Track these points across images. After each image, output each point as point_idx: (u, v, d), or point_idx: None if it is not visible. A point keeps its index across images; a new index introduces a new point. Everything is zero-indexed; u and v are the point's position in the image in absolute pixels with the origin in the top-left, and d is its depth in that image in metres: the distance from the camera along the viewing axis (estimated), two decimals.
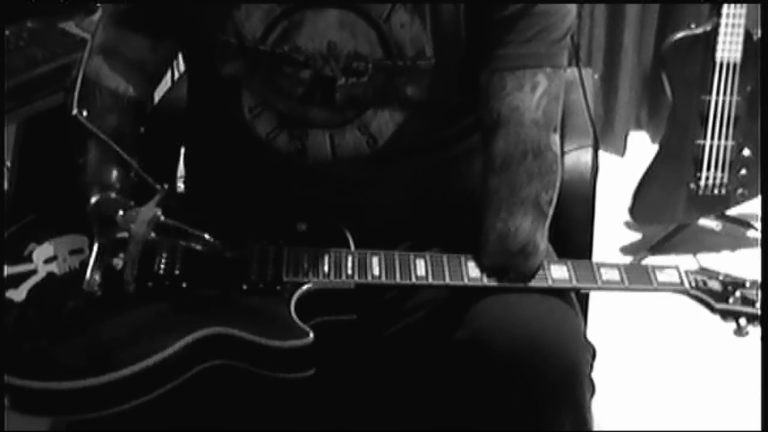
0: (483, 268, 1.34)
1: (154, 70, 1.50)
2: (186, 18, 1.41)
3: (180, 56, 1.57)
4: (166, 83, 1.87)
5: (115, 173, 1.38)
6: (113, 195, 1.35)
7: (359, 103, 1.39)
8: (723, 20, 2.58)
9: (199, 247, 1.30)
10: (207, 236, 1.30)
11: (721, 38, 2.59)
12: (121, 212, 1.30)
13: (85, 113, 1.40)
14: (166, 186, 1.34)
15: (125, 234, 1.28)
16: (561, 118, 1.38)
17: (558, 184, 1.37)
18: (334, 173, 1.43)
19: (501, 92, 1.33)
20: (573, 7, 1.36)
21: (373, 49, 1.35)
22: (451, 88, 1.40)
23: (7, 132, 2.01)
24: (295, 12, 1.35)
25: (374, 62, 1.36)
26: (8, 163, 2.08)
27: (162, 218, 1.29)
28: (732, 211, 2.84)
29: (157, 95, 1.81)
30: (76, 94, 1.40)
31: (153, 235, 1.28)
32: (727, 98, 2.64)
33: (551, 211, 1.37)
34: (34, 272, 1.34)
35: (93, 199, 1.35)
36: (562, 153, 1.46)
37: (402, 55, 1.35)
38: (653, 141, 3.37)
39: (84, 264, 1.32)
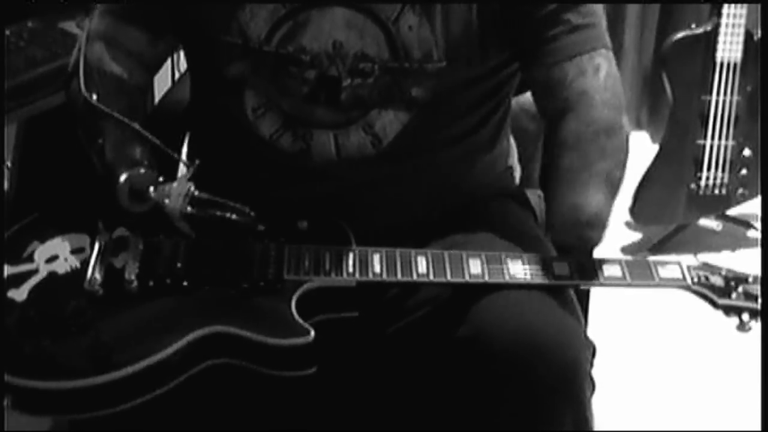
0: (553, 244, 1.36)
1: (152, 61, 1.50)
2: (190, 19, 1.42)
3: (181, 56, 1.57)
4: (166, 83, 1.88)
5: (139, 149, 1.37)
6: (142, 170, 1.34)
7: (364, 103, 1.39)
8: (723, 20, 2.58)
9: (235, 217, 1.30)
10: (244, 207, 1.30)
11: (721, 38, 2.60)
12: (152, 188, 1.31)
13: (94, 96, 1.39)
14: (197, 161, 1.33)
15: (160, 206, 1.30)
16: None
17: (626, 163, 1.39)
18: (338, 173, 1.43)
19: (565, 81, 1.35)
20: None
21: (381, 51, 1.36)
22: (457, 89, 1.40)
23: (8, 132, 2.01)
24: (300, 12, 1.35)
25: (381, 63, 1.36)
26: (8, 163, 2.08)
27: (196, 192, 1.29)
28: (732, 211, 2.84)
29: (158, 95, 1.81)
30: (81, 78, 1.40)
31: (189, 209, 1.29)
32: (728, 98, 2.65)
33: (619, 191, 1.38)
34: (35, 272, 1.33)
35: (123, 176, 1.32)
36: None
37: (409, 58, 1.36)
38: (653, 141, 3.37)
39: (85, 263, 1.32)
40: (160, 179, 1.33)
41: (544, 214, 1.47)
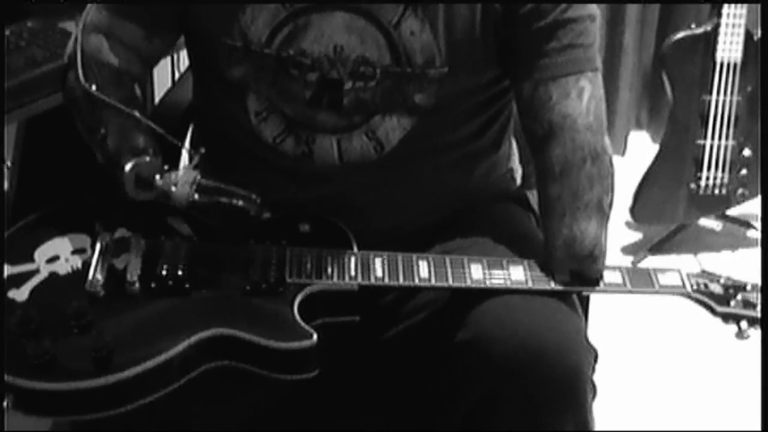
0: (552, 275, 1.34)
1: (148, 56, 1.49)
2: (191, 21, 1.41)
3: (182, 56, 1.57)
4: (166, 83, 1.88)
5: (143, 138, 1.36)
6: (148, 159, 1.33)
7: (367, 108, 1.39)
8: (723, 20, 2.58)
9: (241, 203, 1.30)
10: (250, 194, 1.30)
11: (721, 38, 2.59)
12: (158, 176, 1.31)
13: (93, 87, 1.38)
14: (202, 149, 1.33)
15: (166, 194, 1.30)
16: None
17: (614, 186, 1.38)
18: (339, 177, 1.43)
19: (548, 102, 1.35)
20: (597, 10, 1.37)
21: (382, 55, 1.36)
22: (460, 95, 1.40)
23: (8, 132, 2.01)
24: (301, 15, 1.35)
25: (382, 68, 1.36)
26: (9, 163, 2.08)
27: (202, 180, 1.29)
28: (732, 211, 2.84)
29: (158, 95, 1.81)
30: (79, 68, 1.39)
31: (196, 196, 1.29)
32: (728, 98, 2.64)
33: (611, 213, 1.38)
34: (36, 272, 1.33)
35: (129, 164, 1.32)
36: None
37: (411, 63, 1.36)
38: (654, 141, 3.37)
39: (86, 264, 1.32)
40: (165, 167, 1.33)
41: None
